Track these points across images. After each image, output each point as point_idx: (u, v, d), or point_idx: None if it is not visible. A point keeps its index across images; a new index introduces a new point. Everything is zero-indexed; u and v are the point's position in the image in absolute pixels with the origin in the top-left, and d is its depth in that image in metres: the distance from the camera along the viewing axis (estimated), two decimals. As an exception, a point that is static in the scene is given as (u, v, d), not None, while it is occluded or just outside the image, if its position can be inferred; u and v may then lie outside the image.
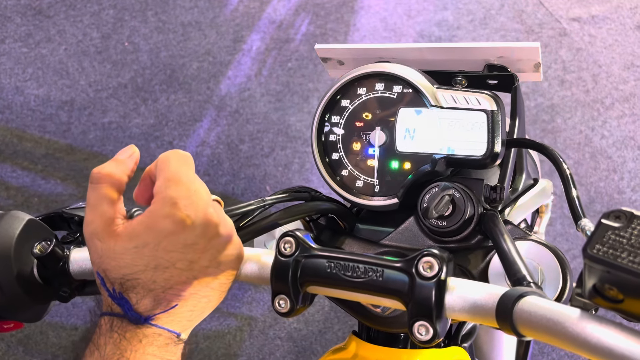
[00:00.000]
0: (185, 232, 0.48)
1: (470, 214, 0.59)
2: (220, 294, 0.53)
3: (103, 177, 0.50)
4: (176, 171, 0.49)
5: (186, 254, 0.49)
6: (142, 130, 2.02)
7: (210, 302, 0.52)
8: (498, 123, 0.60)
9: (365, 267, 0.51)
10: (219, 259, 0.51)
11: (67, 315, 1.72)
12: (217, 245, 0.51)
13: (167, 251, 0.48)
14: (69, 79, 2.12)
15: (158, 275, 0.48)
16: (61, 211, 0.61)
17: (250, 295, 1.74)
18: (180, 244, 0.49)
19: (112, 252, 0.48)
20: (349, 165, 0.66)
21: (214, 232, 0.50)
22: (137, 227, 0.49)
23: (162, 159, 0.51)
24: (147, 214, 0.49)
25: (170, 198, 0.48)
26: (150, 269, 0.48)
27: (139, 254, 0.48)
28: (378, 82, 0.65)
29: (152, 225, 0.48)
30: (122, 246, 0.48)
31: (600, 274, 0.39)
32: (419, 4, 2.23)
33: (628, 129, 1.90)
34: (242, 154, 1.97)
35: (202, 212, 0.49)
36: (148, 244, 0.48)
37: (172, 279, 0.49)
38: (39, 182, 1.95)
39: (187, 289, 0.50)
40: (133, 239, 0.48)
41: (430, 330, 0.48)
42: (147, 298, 0.48)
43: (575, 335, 0.40)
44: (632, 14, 2.11)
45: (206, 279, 0.51)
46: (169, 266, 0.49)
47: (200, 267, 0.50)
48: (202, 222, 0.49)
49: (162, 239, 0.48)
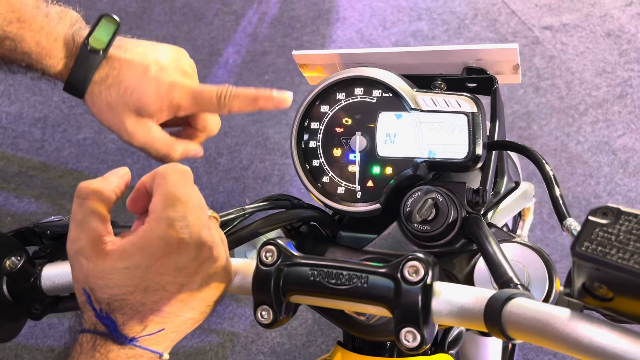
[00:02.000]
0: (179, 255, 0.47)
1: (453, 217, 0.59)
2: (206, 313, 0.52)
3: (91, 192, 0.48)
4: (174, 189, 0.48)
5: (177, 277, 0.48)
6: (118, 145, 1.99)
7: (195, 322, 0.51)
8: (479, 125, 0.60)
9: (350, 274, 0.50)
10: (208, 281, 0.50)
11: (42, 337, 1.67)
12: (208, 267, 0.49)
13: (158, 274, 0.47)
14: (41, 95, 2.08)
15: (147, 297, 0.47)
16: (33, 225, 0.59)
17: (232, 310, 1.71)
18: (172, 267, 0.47)
19: (100, 272, 0.46)
20: (330, 172, 0.65)
21: (206, 255, 0.49)
22: (128, 248, 0.47)
23: (160, 174, 0.49)
24: (141, 233, 0.47)
25: (166, 219, 0.47)
26: (140, 290, 0.46)
27: (130, 275, 0.46)
28: (357, 87, 0.64)
29: (145, 247, 0.46)
30: (110, 266, 0.46)
31: (590, 272, 0.38)
32: (394, 15, 2.25)
33: (602, 134, 1.93)
34: (220, 167, 1.95)
35: (197, 234, 0.48)
36: (139, 265, 0.46)
37: (161, 301, 0.47)
38: (12, 200, 1.91)
39: (175, 312, 0.48)
40: (123, 260, 0.46)
41: (417, 336, 0.47)
42: (134, 319, 0.46)
43: (566, 335, 0.39)
44: (601, 21, 2.15)
45: (194, 302, 0.49)
46: (159, 289, 0.47)
47: (190, 289, 0.49)
48: (195, 245, 0.48)
49: (154, 262, 0.46)
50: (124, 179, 0.51)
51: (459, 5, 2.24)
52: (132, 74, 0.62)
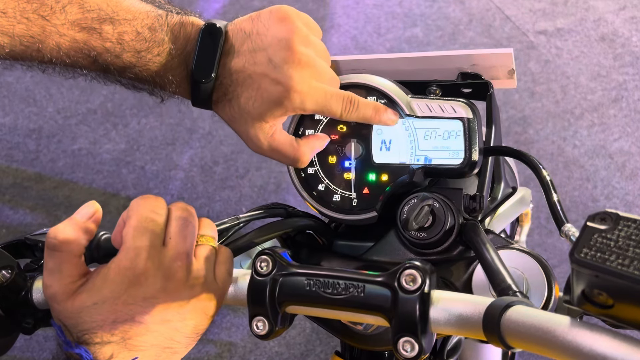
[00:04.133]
0: (145, 286, 0.47)
1: (450, 224, 0.58)
2: (187, 345, 0.51)
3: (59, 244, 0.48)
4: (143, 219, 0.48)
5: (145, 307, 0.47)
6: (113, 155, 1.98)
7: (175, 352, 0.50)
8: (475, 130, 0.59)
9: (346, 283, 0.49)
10: (183, 314, 0.49)
11: (39, 350, 1.66)
12: (181, 300, 0.49)
13: (126, 304, 0.47)
14: (36, 106, 2.07)
15: (116, 327, 0.47)
16: (24, 238, 0.58)
17: (229, 320, 1.70)
18: (140, 297, 0.47)
19: (70, 313, 0.47)
20: (326, 180, 0.64)
21: (176, 286, 0.48)
22: (97, 282, 0.48)
23: (131, 206, 0.50)
24: (111, 265, 0.48)
25: (134, 249, 0.47)
26: (108, 323, 0.47)
27: (98, 310, 0.47)
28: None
29: (113, 278, 0.47)
30: (80, 306, 0.47)
31: (589, 278, 0.38)
32: (388, 21, 2.25)
33: (598, 137, 1.93)
34: (216, 176, 1.94)
35: (167, 265, 0.48)
36: (107, 299, 0.47)
37: (131, 330, 0.47)
38: (7, 212, 1.89)
39: (149, 341, 0.48)
40: (93, 296, 0.47)
41: (415, 346, 0.46)
42: (105, 347, 0.46)
43: (567, 343, 0.38)
44: (595, 26, 2.16)
45: (169, 332, 0.49)
46: (127, 319, 0.47)
47: (162, 320, 0.48)
48: (163, 276, 0.48)
49: (121, 293, 0.47)
50: (93, 218, 0.50)
51: (453, 11, 2.24)
52: (248, 85, 0.56)
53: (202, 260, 0.51)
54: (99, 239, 0.53)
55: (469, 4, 2.25)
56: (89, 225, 0.50)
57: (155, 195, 0.51)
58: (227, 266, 0.53)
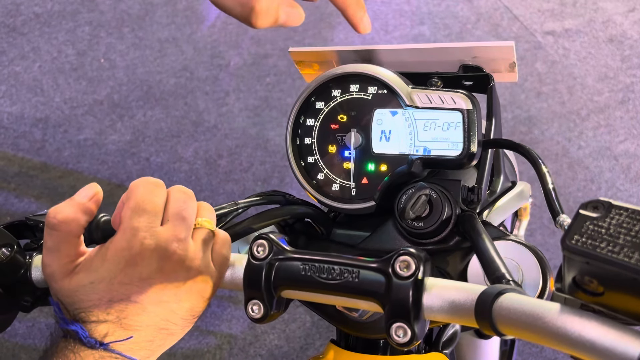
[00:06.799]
0: (142, 266, 0.48)
1: (447, 214, 0.58)
2: (183, 327, 0.51)
3: (59, 223, 0.48)
4: (141, 200, 0.49)
5: (142, 287, 0.48)
6: (119, 146, 1.99)
7: (171, 334, 0.50)
8: (474, 122, 0.59)
9: (341, 269, 0.50)
10: (179, 295, 0.50)
11: (40, 337, 1.67)
12: (177, 281, 0.49)
13: (122, 284, 0.48)
14: (43, 96, 2.08)
15: (112, 307, 0.47)
16: (25, 218, 0.59)
17: (230, 312, 1.71)
18: (136, 277, 0.48)
19: (67, 291, 0.48)
20: (325, 169, 0.65)
21: (173, 268, 0.49)
22: (94, 261, 0.48)
23: (131, 187, 0.50)
24: (108, 244, 0.48)
25: (131, 229, 0.48)
26: (104, 302, 0.47)
27: (94, 289, 0.47)
28: (353, 84, 0.64)
29: (110, 257, 0.48)
30: (76, 284, 0.48)
31: (580, 265, 0.38)
32: (396, 19, 2.25)
33: (604, 139, 1.92)
34: (220, 169, 1.95)
35: (163, 246, 0.48)
36: (104, 278, 0.47)
37: (127, 310, 0.48)
38: (12, 200, 1.91)
39: (145, 322, 0.48)
40: (90, 275, 0.48)
41: (408, 332, 0.47)
42: (100, 326, 0.47)
43: (556, 329, 0.39)
44: (604, 27, 2.15)
45: (164, 313, 0.49)
46: (123, 298, 0.47)
47: (158, 301, 0.49)
48: (160, 257, 0.48)
49: (118, 273, 0.47)
50: (94, 200, 0.51)
51: (461, 10, 2.24)
52: None
53: (200, 243, 0.51)
54: (99, 221, 0.53)
55: (477, 3, 2.24)
56: (89, 205, 0.50)
57: (155, 178, 0.52)
58: (225, 250, 0.54)
